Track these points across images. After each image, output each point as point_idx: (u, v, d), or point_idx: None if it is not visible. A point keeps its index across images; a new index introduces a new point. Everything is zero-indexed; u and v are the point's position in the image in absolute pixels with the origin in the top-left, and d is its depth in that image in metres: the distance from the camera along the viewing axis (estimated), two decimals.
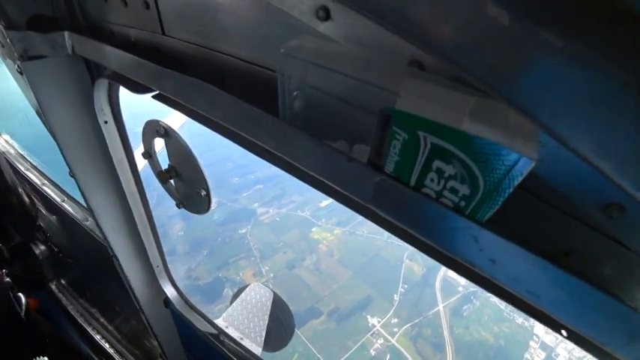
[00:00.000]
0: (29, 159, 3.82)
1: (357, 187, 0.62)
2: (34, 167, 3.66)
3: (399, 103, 0.51)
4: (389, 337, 33.60)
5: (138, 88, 1.23)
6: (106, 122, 1.69)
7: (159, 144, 1.59)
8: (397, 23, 0.48)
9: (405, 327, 34.48)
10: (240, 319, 3.57)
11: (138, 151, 1.83)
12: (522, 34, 0.41)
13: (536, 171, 0.53)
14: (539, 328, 34.21)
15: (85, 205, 2.01)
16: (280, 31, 0.74)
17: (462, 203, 0.55)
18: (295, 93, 0.67)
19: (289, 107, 0.67)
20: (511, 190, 0.50)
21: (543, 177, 0.58)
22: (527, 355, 33.08)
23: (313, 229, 44.53)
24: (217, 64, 0.95)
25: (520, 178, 0.49)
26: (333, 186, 0.65)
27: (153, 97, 1.20)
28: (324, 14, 0.59)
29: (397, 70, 0.60)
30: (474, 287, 37.60)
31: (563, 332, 0.77)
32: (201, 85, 0.80)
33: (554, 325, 0.76)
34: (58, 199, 3.12)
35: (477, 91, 0.52)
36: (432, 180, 0.55)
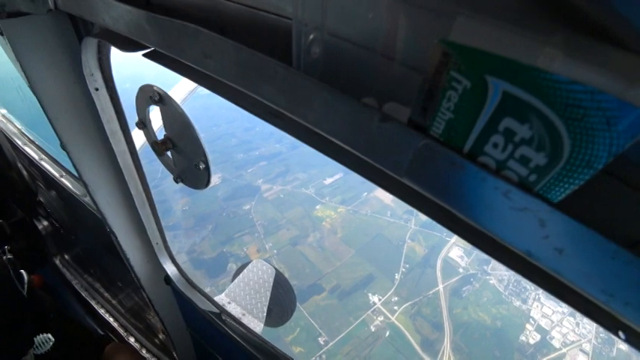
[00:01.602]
0: (27, 133, 3.71)
1: (390, 155, 0.48)
2: (32, 142, 3.55)
3: (461, 35, 0.37)
4: (389, 315, 34.37)
5: (127, 45, 1.09)
6: (97, 89, 1.54)
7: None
8: None
9: (405, 305, 35.20)
10: (242, 295, 3.57)
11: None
12: None
13: None
14: (536, 312, 34.82)
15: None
16: None
17: (533, 177, 0.41)
18: (312, 36, 0.53)
19: (305, 53, 0.53)
20: (609, 160, 0.37)
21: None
22: (522, 337, 33.78)
23: (317, 207, 44.78)
24: (216, 13, 0.80)
25: (628, 144, 0.35)
26: (358, 154, 0.51)
27: (144, 55, 1.05)
28: None
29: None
30: (473, 269, 38.11)
31: (621, 334, 0.65)
32: (193, 31, 0.65)
33: (611, 325, 0.64)
34: (57, 175, 3.03)
35: (560, 27, 0.38)
36: (494, 145, 0.41)
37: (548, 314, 34.92)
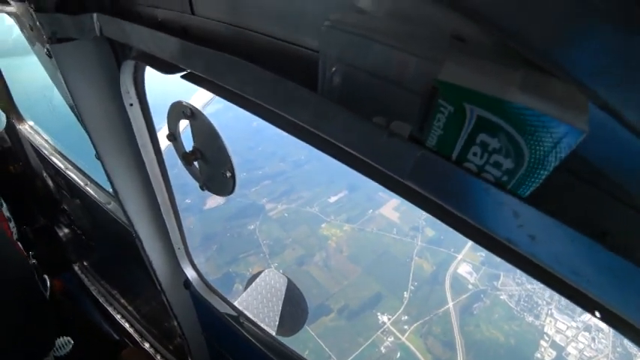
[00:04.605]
0: (53, 144, 3.92)
1: (395, 163, 0.62)
2: (58, 152, 3.75)
3: (446, 75, 0.50)
4: (399, 335, 33.53)
5: (166, 68, 1.25)
6: (131, 105, 1.72)
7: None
8: None
9: (415, 325, 34.34)
10: (254, 304, 3.62)
11: (160, 133, 1.87)
12: None
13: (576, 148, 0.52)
14: (550, 328, 33.75)
15: (108, 187, 2.06)
16: (318, 6, 0.74)
17: (505, 178, 0.54)
18: (334, 68, 0.67)
19: (328, 82, 0.68)
20: (557, 163, 0.50)
21: (582, 154, 0.57)
22: (537, 354, 32.70)
23: (322, 225, 44.34)
24: (249, 43, 0.95)
25: (568, 151, 0.48)
26: (370, 162, 0.65)
27: (182, 77, 1.21)
28: None
29: (439, 44, 0.59)
30: (483, 285, 37.23)
31: (597, 313, 0.76)
32: (234, 62, 0.80)
33: (587, 305, 0.75)
34: (82, 183, 3.19)
35: (524, 64, 0.52)
36: (474, 154, 0.54)
37: (562, 329, 33.72)
